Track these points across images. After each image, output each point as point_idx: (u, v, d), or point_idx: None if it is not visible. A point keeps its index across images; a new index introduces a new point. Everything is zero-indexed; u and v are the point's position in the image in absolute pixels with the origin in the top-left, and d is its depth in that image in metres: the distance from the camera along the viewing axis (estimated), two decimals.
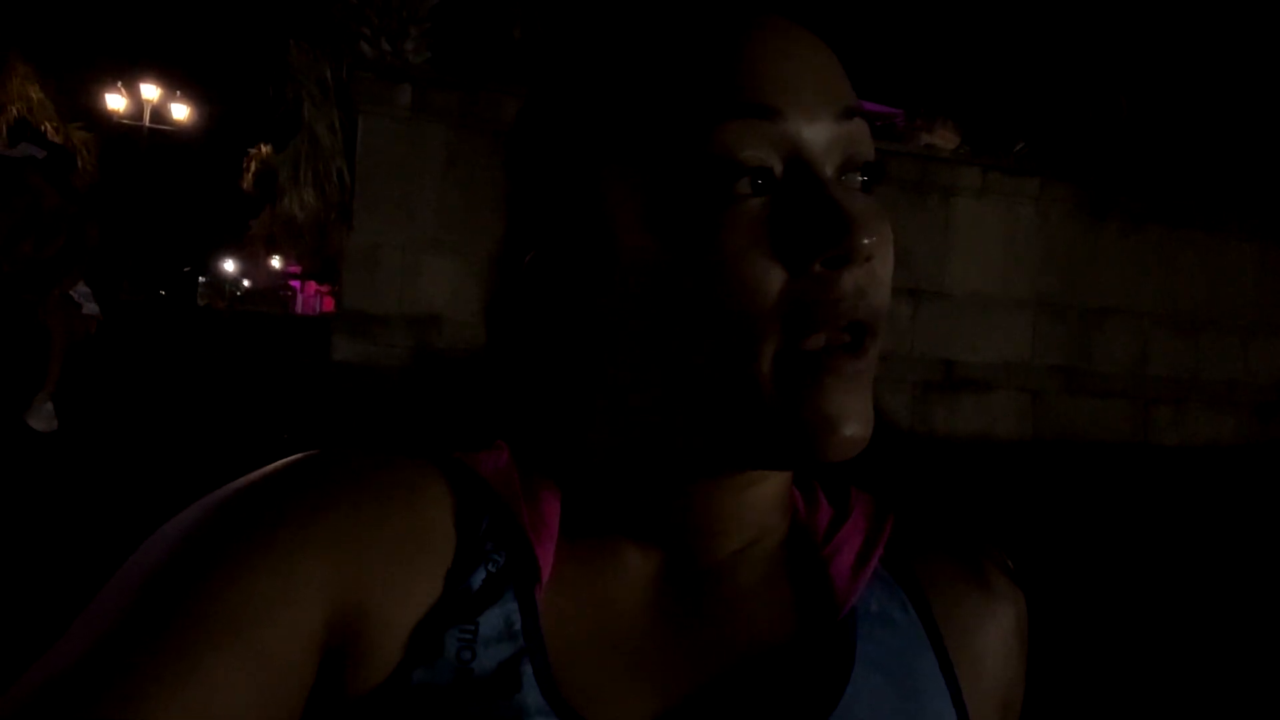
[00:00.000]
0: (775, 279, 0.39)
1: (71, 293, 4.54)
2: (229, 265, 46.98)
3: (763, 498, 0.46)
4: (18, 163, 4.43)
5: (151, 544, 0.38)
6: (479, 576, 0.41)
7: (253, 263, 40.89)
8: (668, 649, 0.44)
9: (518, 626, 0.40)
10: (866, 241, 0.39)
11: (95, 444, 4.30)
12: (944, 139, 5.99)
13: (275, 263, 36.53)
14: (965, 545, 0.52)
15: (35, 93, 13.56)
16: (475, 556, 0.42)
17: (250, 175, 14.72)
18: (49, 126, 12.89)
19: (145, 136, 22.17)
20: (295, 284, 43.73)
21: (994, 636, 0.49)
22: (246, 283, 50.79)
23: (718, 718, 0.42)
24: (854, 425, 0.40)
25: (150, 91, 21.72)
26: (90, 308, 4.72)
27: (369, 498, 0.41)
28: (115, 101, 20.91)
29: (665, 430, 0.44)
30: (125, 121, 21.50)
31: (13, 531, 2.81)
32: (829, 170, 0.41)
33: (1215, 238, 6.31)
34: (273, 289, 47.78)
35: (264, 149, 14.26)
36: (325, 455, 0.43)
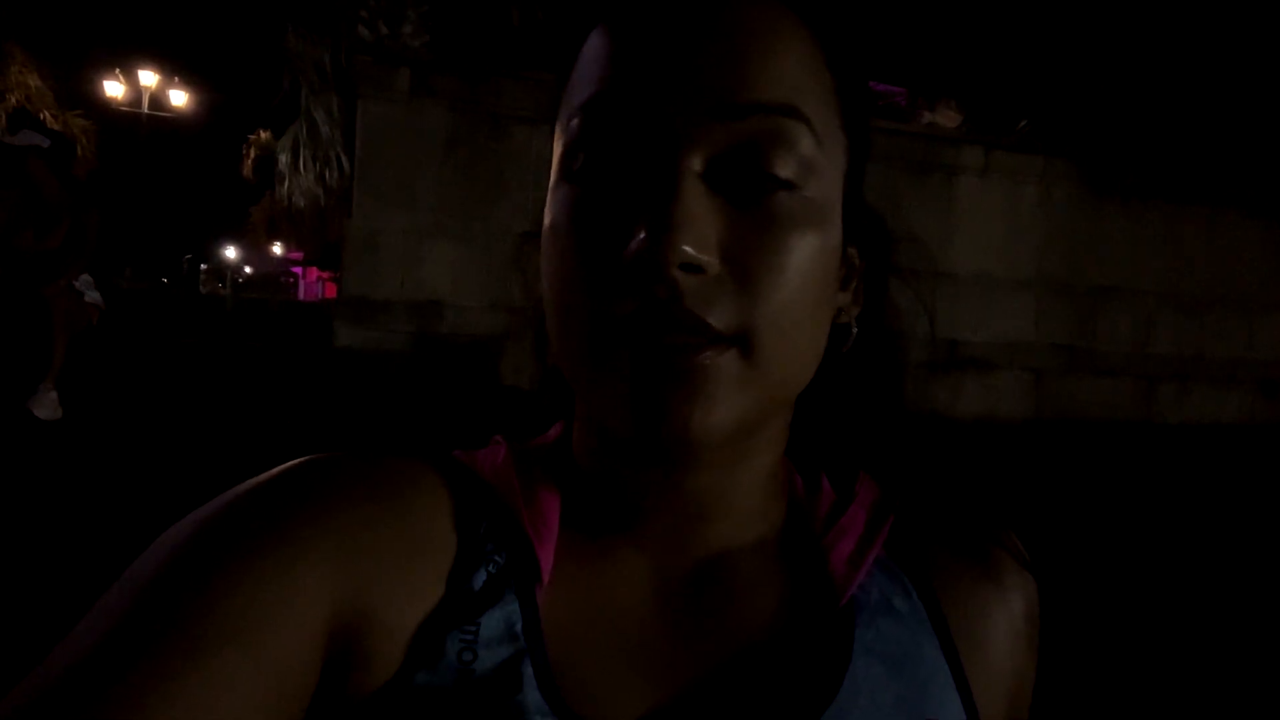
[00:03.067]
0: (585, 266, 0.40)
1: (73, 282, 4.54)
2: (230, 252, 46.97)
3: (741, 482, 0.46)
4: (20, 151, 4.41)
5: (156, 548, 0.38)
6: (480, 578, 0.42)
7: (254, 249, 40.86)
8: (667, 644, 0.44)
9: (518, 627, 0.40)
10: (664, 243, 0.37)
11: (99, 432, 4.31)
12: (946, 118, 5.96)
13: (276, 249, 36.51)
14: (974, 530, 0.51)
15: (34, 80, 13.50)
16: (476, 558, 0.42)
17: (250, 162, 14.67)
18: (48, 114, 12.84)
19: (144, 124, 22.11)
20: (297, 270, 43.76)
21: (1002, 623, 0.49)
22: (248, 269, 50.78)
23: (716, 712, 0.42)
24: (680, 420, 0.38)
25: (148, 78, 21.63)
26: (92, 296, 4.72)
27: (370, 501, 0.41)
28: (114, 88, 20.84)
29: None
30: (124, 109, 21.43)
31: (16, 520, 2.82)
32: (692, 167, 0.39)
33: (1220, 215, 6.28)
34: (274, 275, 47.80)
35: (263, 135, 14.21)
36: (328, 458, 0.43)
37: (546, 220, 0.43)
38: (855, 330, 0.49)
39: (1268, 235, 6.40)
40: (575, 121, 0.41)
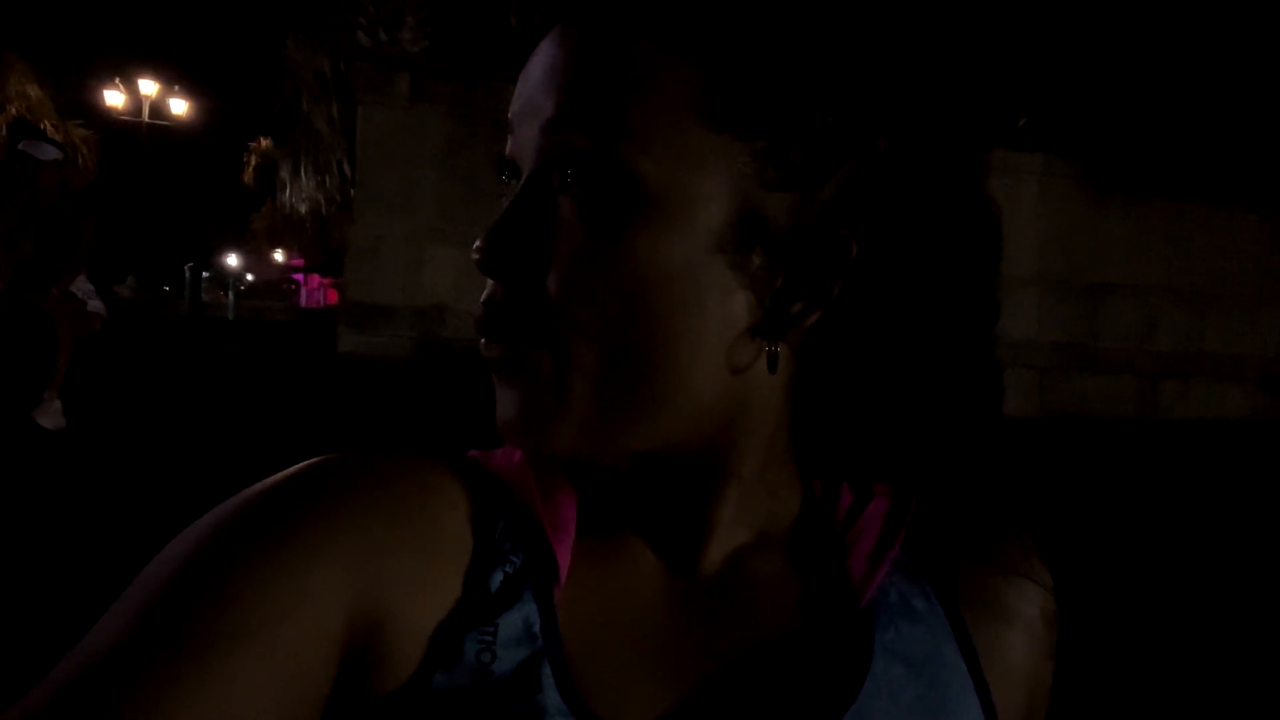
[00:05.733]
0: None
1: (73, 289, 4.55)
2: (232, 260, 47.01)
3: (731, 487, 0.46)
4: (39, 164, 4.46)
5: (171, 549, 0.38)
6: (497, 578, 0.42)
7: (256, 257, 40.91)
8: (685, 645, 0.44)
9: (536, 628, 0.40)
10: (475, 252, 0.42)
11: (104, 441, 4.31)
12: None
13: (278, 256, 36.55)
14: (992, 532, 0.51)
15: (34, 91, 13.52)
16: (493, 558, 0.42)
17: (250, 169, 14.70)
18: (48, 124, 12.86)
19: (145, 132, 22.15)
20: (299, 277, 43.77)
21: (1020, 624, 0.49)
22: (250, 277, 50.81)
23: (735, 712, 0.42)
24: (504, 419, 0.43)
25: (148, 87, 21.68)
26: (94, 305, 4.73)
27: (387, 501, 0.41)
28: (114, 98, 20.89)
29: None
30: (124, 118, 21.48)
31: (22, 530, 2.83)
32: (514, 186, 0.44)
33: (1221, 211, 6.27)
34: (276, 283, 47.80)
35: (264, 142, 14.23)
36: (342, 459, 0.43)
37: None
38: (775, 350, 0.43)
39: (1269, 230, 6.39)
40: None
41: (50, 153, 4.54)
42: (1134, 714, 2.12)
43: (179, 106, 22.67)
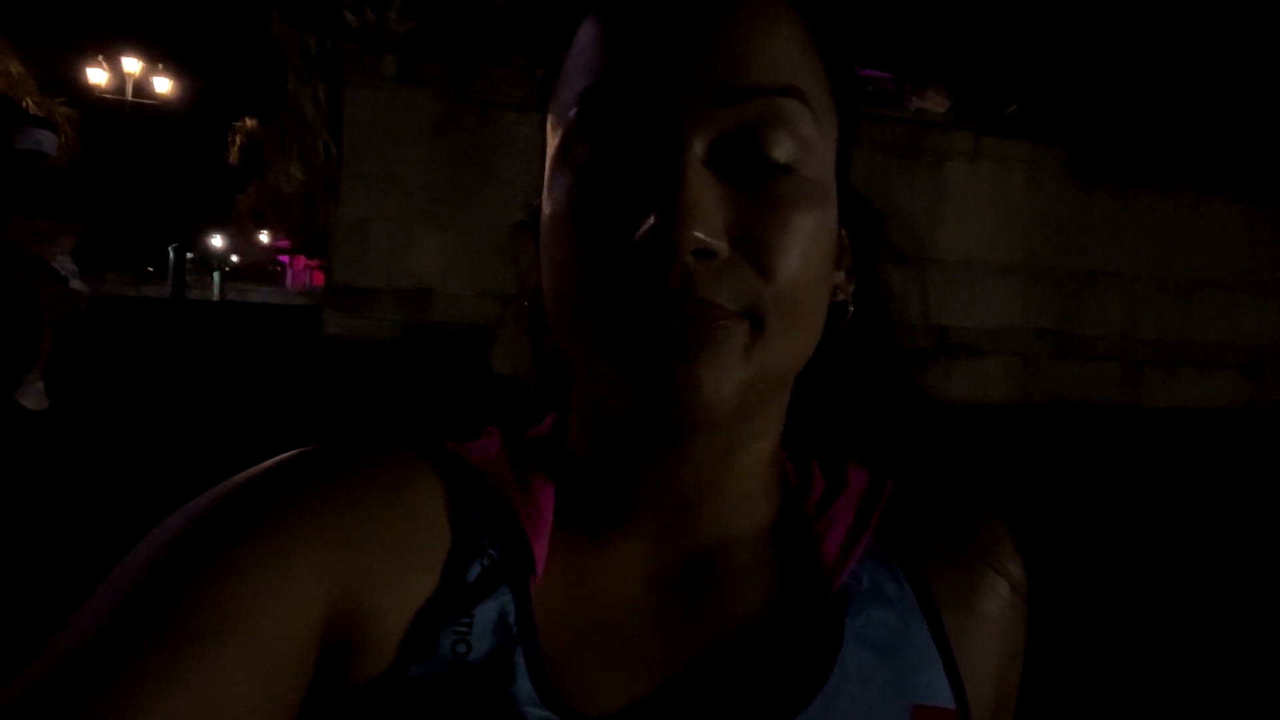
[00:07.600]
0: (593, 255, 0.40)
1: (55, 266, 4.51)
2: (217, 241, 46.62)
3: (737, 470, 0.46)
4: (42, 157, 4.42)
5: (148, 541, 0.38)
6: (474, 570, 0.42)
7: (241, 238, 40.58)
8: (659, 633, 0.44)
9: (511, 619, 0.41)
10: (676, 230, 0.37)
11: (87, 423, 4.29)
12: (935, 103, 5.95)
13: (264, 238, 36.27)
14: (963, 516, 0.52)
15: (15, 67, 13.34)
16: (470, 550, 0.43)
17: (235, 149, 14.53)
18: (30, 102, 12.71)
19: (128, 111, 21.92)
20: (285, 259, 43.54)
21: (991, 610, 0.49)
22: (235, 258, 50.44)
23: (707, 701, 0.42)
24: (688, 394, 0.39)
25: (132, 65, 21.43)
26: (77, 284, 4.70)
27: (365, 494, 0.41)
28: (97, 75, 20.65)
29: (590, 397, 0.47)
30: (108, 96, 21.24)
31: (3, 512, 2.81)
32: (697, 153, 0.39)
33: (1207, 199, 6.30)
34: (262, 264, 47.51)
35: (249, 122, 14.08)
36: (321, 452, 0.43)
37: (546, 211, 0.43)
38: (852, 307, 0.50)
39: (1254, 219, 6.43)
40: (573, 111, 0.42)
41: (53, 146, 4.51)
42: (1120, 701, 2.14)
43: (163, 85, 22.42)
